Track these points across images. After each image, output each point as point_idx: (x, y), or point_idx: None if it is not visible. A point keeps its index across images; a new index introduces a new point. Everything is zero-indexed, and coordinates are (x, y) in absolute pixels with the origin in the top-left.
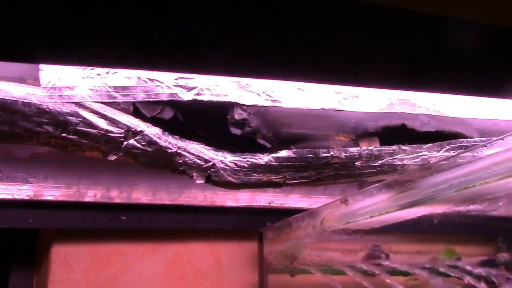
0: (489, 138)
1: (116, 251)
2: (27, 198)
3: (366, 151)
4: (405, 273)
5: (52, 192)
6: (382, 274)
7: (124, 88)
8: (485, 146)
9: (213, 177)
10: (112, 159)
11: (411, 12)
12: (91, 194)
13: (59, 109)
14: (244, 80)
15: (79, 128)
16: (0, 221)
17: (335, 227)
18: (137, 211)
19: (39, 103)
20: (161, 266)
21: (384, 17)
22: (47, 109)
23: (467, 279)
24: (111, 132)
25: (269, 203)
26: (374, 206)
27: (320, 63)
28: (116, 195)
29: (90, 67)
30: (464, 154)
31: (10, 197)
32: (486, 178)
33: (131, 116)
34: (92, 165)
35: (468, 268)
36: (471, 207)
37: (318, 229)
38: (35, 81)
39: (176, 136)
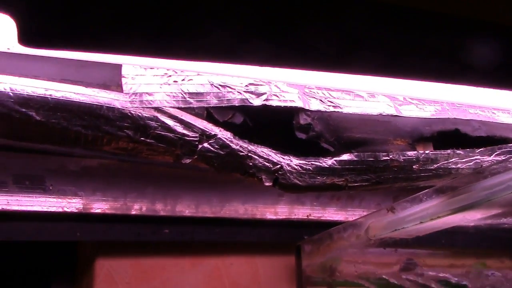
0: None
1: (157, 265)
2: (76, 211)
3: (423, 155)
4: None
5: (100, 205)
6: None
7: (198, 94)
8: None
9: (280, 179)
10: (187, 162)
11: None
12: (137, 207)
13: (140, 114)
14: (307, 87)
15: (157, 132)
16: (50, 235)
17: (381, 235)
18: (180, 225)
19: (122, 108)
20: (201, 280)
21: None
22: (129, 114)
23: None
24: (187, 136)
25: (307, 216)
26: (424, 212)
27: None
28: (161, 208)
29: (166, 74)
30: None
31: (60, 210)
32: None
33: (205, 121)
34: (138, 178)
35: None
36: (503, 219)
37: (363, 238)
38: (118, 88)
39: (245, 140)
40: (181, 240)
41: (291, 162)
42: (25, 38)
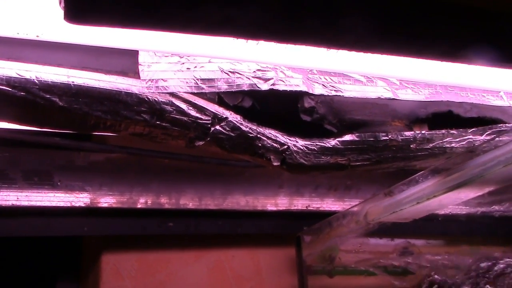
0: None
1: (162, 259)
2: (84, 206)
3: (419, 135)
4: None
5: (107, 200)
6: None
7: (210, 80)
8: None
9: (287, 159)
10: (199, 144)
11: None
12: (143, 200)
13: (156, 99)
14: (311, 72)
15: (172, 115)
16: (58, 230)
17: (379, 218)
18: (184, 217)
19: (139, 93)
20: (204, 272)
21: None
22: (146, 99)
23: None
24: (200, 119)
25: (307, 206)
26: (421, 193)
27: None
28: (166, 202)
29: (179, 61)
30: (504, 138)
31: (68, 205)
32: None
33: (216, 105)
34: (143, 173)
35: None
36: (495, 207)
37: (362, 223)
38: (135, 74)
39: (254, 123)
40: (185, 232)
41: (297, 143)
42: (71, 13)
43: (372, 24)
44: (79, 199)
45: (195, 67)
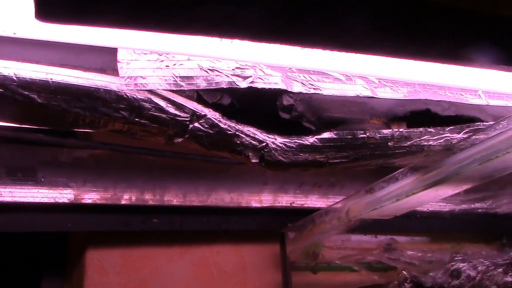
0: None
1: (147, 255)
2: (68, 202)
3: (397, 133)
4: None
5: (91, 196)
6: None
7: (189, 77)
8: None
9: (266, 156)
10: (178, 141)
11: None
12: (127, 197)
13: (135, 96)
14: (290, 70)
15: (151, 113)
16: (41, 226)
17: (361, 215)
18: (169, 214)
19: (118, 90)
20: (189, 268)
21: None
22: (124, 96)
23: None
24: (179, 116)
25: (291, 203)
26: (400, 190)
27: None
28: (150, 198)
29: (158, 59)
30: (481, 137)
31: (52, 201)
32: (507, 149)
33: (195, 102)
34: (127, 169)
35: None
36: (477, 205)
37: (344, 220)
38: (114, 72)
39: (233, 120)
40: (170, 229)
41: (275, 140)
42: (42, 12)
43: (373, 24)
44: (63, 195)
45: (174, 64)
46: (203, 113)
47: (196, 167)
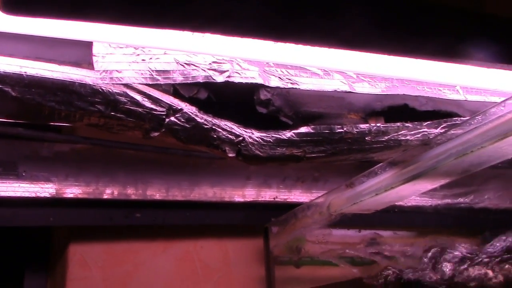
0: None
1: (130, 249)
2: (49, 196)
3: (374, 127)
4: None
5: (72, 190)
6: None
7: (165, 71)
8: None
9: (243, 150)
10: (155, 135)
11: None
12: (109, 191)
13: (110, 90)
14: (267, 65)
15: (127, 107)
16: (23, 220)
17: (341, 210)
18: (151, 208)
19: (93, 84)
20: (173, 263)
21: None
22: (100, 90)
23: None
24: (155, 110)
25: (274, 198)
26: (379, 184)
27: None
28: (132, 192)
29: (134, 53)
30: (457, 131)
31: (33, 195)
32: (482, 143)
33: (171, 96)
34: (109, 163)
35: None
36: (460, 199)
37: (325, 214)
38: (89, 65)
39: (210, 114)
40: (153, 224)
41: (252, 134)
42: (7, 5)
43: (371, 21)
44: (44, 189)
45: (151, 58)
46: (179, 107)
47: (178, 162)
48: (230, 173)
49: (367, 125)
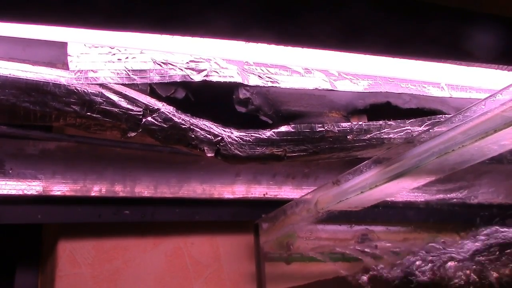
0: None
1: (119, 246)
2: (36, 194)
3: (356, 126)
4: None
5: (60, 188)
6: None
7: (142, 71)
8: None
9: (221, 150)
10: (132, 135)
11: None
12: (97, 189)
13: (85, 90)
14: (246, 63)
15: (103, 107)
16: (11, 218)
17: (328, 207)
18: (140, 205)
19: (68, 84)
20: (163, 259)
21: None
22: (75, 90)
23: None
24: (131, 110)
25: (264, 194)
26: (364, 182)
27: None
28: (121, 190)
29: (110, 52)
30: (440, 129)
31: (20, 193)
32: (463, 142)
33: (148, 96)
34: (96, 161)
35: None
36: (453, 195)
37: (313, 212)
38: (64, 66)
39: (188, 114)
40: (141, 220)
41: (232, 134)
42: None
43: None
44: (31, 187)
45: (127, 58)
46: (156, 107)
47: (167, 159)
48: (219, 170)
49: (349, 123)
